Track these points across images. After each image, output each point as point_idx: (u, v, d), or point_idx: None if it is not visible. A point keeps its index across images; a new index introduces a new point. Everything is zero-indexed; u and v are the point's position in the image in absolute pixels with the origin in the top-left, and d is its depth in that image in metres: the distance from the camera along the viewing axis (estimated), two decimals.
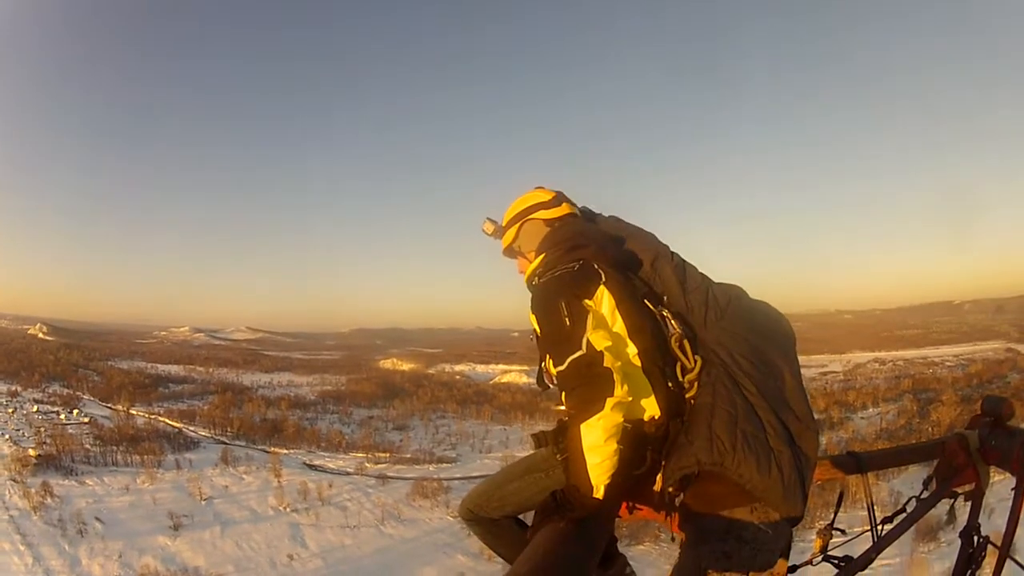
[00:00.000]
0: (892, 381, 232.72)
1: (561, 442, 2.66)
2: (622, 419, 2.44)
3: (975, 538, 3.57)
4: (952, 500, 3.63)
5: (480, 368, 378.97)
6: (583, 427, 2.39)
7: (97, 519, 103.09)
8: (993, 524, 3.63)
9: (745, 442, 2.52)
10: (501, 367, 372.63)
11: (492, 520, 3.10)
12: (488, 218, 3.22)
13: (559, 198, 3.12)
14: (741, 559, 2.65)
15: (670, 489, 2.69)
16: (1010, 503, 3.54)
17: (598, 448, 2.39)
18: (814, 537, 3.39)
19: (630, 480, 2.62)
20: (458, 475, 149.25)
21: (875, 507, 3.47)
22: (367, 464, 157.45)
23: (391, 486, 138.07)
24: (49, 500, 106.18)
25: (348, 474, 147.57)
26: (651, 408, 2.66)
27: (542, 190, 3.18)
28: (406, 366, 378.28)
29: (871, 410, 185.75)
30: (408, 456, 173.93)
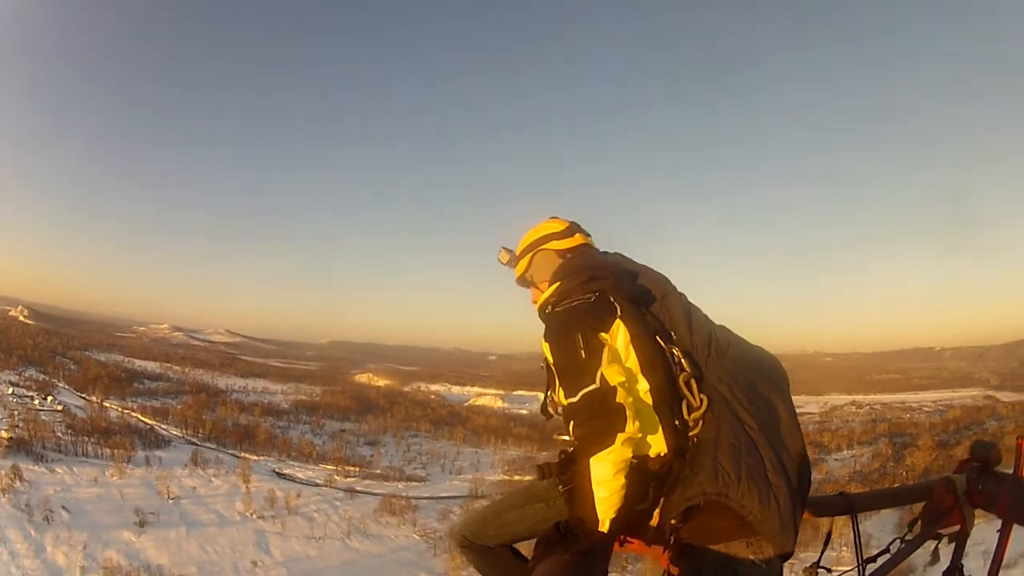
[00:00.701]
0: (868, 424, 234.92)
1: (565, 473, 2.68)
2: (631, 455, 2.45)
3: None
4: (936, 541, 3.76)
5: (455, 389, 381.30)
6: (593, 461, 2.39)
7: (64, 508, 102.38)
8: (967, 566, 3.86)
9: (748, 474, 2.54)
10: (476, 390, 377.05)
11: (488, 548, 3.09)
12: (503, 247, 3.27)
13: (572, 228, 3.17)
14: None
15: (672, 522, 2.69)
16: (986, 545, 3.86)
17: (607, 482, 2.38)
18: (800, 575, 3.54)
19: (632, 515, 2.60)
20: (427, 495, 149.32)
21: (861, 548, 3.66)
22: (336, 477, 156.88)
23: (359, 500, 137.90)
24: (18, 484, 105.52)
25: (317, 485, 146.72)
26: (658, 445, 2.67)
27: (556, 220, 3.22)
28: (382, 382, 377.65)
29: (845, 452, 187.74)
30: (378, 472, 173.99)
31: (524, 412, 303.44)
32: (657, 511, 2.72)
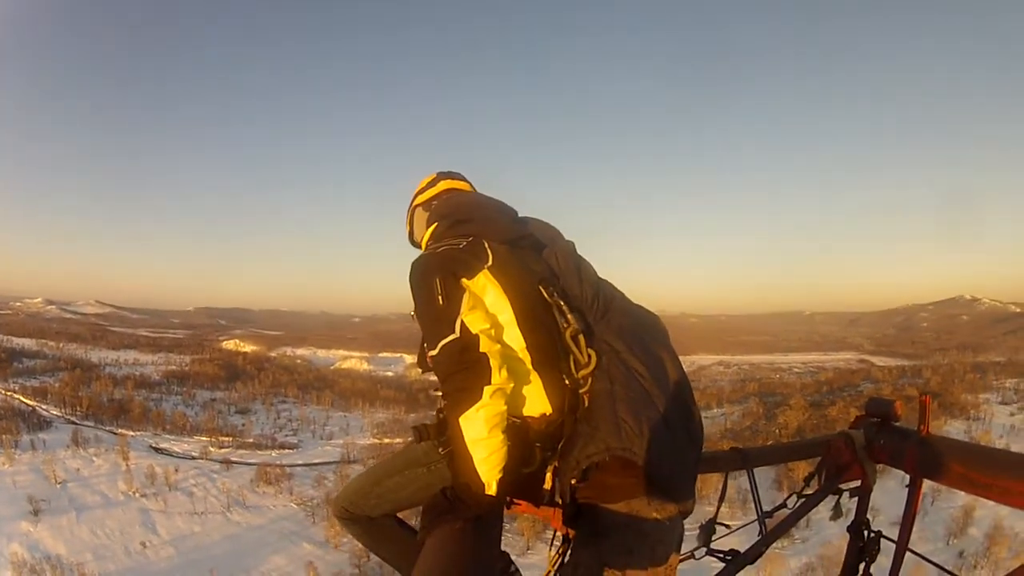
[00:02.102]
0: (738, 384, 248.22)
1: (444, 435, 2.46)
2: (504, 407, 2.25)
3: (865, 532, 3.62)
4: (837, 496, 3.67)
5: (321, 353, 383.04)
6: (462, 420, 2.19)
7: None
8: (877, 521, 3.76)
9: (650, 428, 2.42)
10: (342, 352, 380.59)
11: (370, 519, 2.86)
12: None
13: (438, 177, 3.07)
14: (642, 553, 2.54)
15: (572, 481, 2.50)
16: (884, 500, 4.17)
17: (482, 441, 2.19)
18: (696, 531, 3.42)
19: (519, 478, 2.41)
20: (300, 462, 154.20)
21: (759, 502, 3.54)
22: (211, 448, 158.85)
23: (235, 471, 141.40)
24: None
25: (193, 458, 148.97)
26: (541, 404, 2.46)
27: (425, 178, 3.12)
28: (248, 348, 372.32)
29: (715, 410, 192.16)
30: (251, 441, 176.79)
31: (390, 374, 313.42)
32: (549, 473, 2.59)
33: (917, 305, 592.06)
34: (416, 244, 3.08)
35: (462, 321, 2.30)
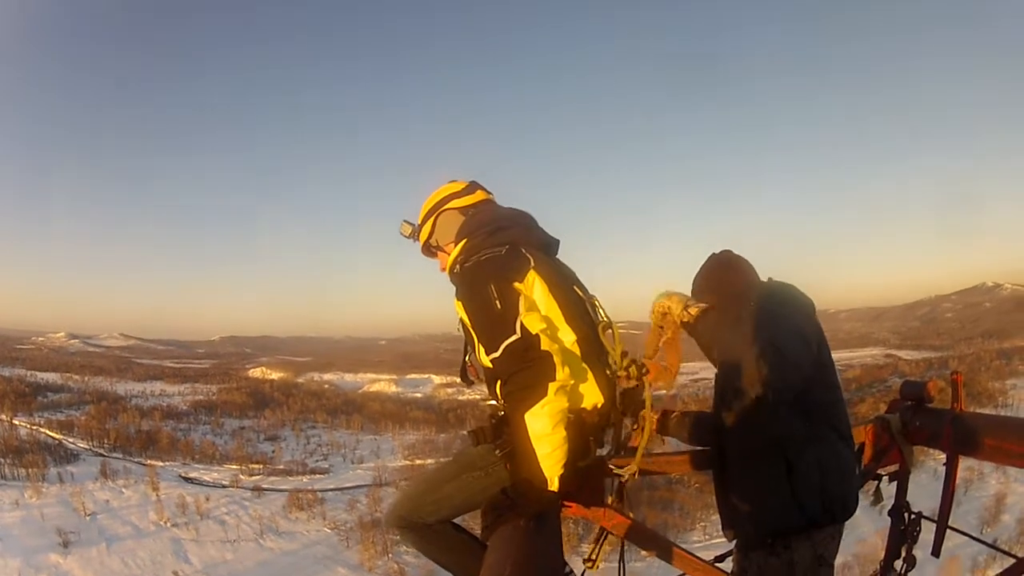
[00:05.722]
0: None
1: (500, 437, 2.53)
2: (566, 403, 2.31)
3: (906, 515, 3.68)
4: (876, 482, 3.72)
5: (348, 377, 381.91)
6: (528, 416, 2.23)
7: None
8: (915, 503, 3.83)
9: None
10: (370, 376, 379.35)
11: (427, 526, 2.84)
12: (404, 220, 3.11)
13: (473, 186, 3.03)
14: None
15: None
16: (927, 482, 4.32)
17: (546, 437, 2.23)
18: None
19: (577, 472, 2.48)
20: (332, 486, 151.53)
21: None
22: (242, 476, 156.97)
23: (267, 498, 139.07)
24: None
25: (224, 487, 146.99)
26: (593, 396, 2.55)
27: (454, 182, 3.07)
28: (275, 375, 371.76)
29: None
30: (281, 467, 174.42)
31: (418, 395, 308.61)
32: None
33: (940, 296, 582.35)
34: (432, 251, 3.09)
35: (522, 322, 2.35)
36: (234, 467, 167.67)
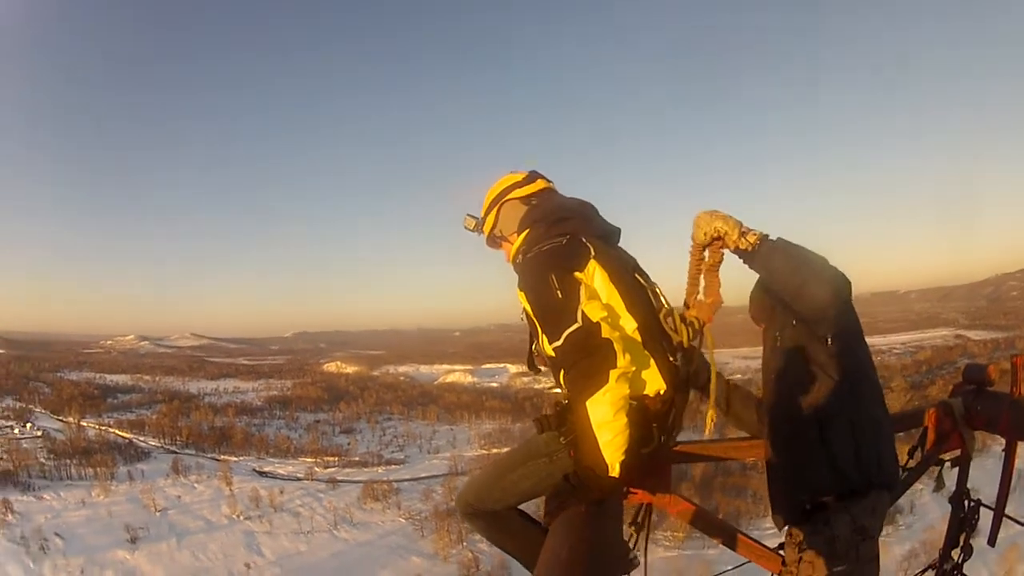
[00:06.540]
0: None
1: (564, 424, 2.53)
2: (628, 390, 2.32)
3: (966, 502, 3.66)
4: (939, 467, 3.70)
5: (424, 369, 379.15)
6: (589, 403, 2.24)
7: (57, 535, 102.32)
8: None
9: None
10: (444, 367, 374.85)
11: (494, 513, 2.94)
12: (468, 214, 3.16)
13: (533, 175, 3.06)
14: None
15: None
16: (994, 467, 3.85)
17: (608, 424, 2.25)
18: None
19: (639, 459, 2.51)
20: (407, 476, 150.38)
21: None
22: (316, 469, 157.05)
23: (341, 490, 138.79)
24: (10, 517, 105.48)
25: (298, 479, 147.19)
26: (655, 382, 2.56)
27: (514, 172, 3.12)
28: (350, 369, 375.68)
29: None
30: (356, 459, 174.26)
31: (495, 385, 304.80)
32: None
33: (1005, 274, 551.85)
34: (496, 242, 3.12)
35: (583, 311, 2.36)
36: (309, 460, 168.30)
